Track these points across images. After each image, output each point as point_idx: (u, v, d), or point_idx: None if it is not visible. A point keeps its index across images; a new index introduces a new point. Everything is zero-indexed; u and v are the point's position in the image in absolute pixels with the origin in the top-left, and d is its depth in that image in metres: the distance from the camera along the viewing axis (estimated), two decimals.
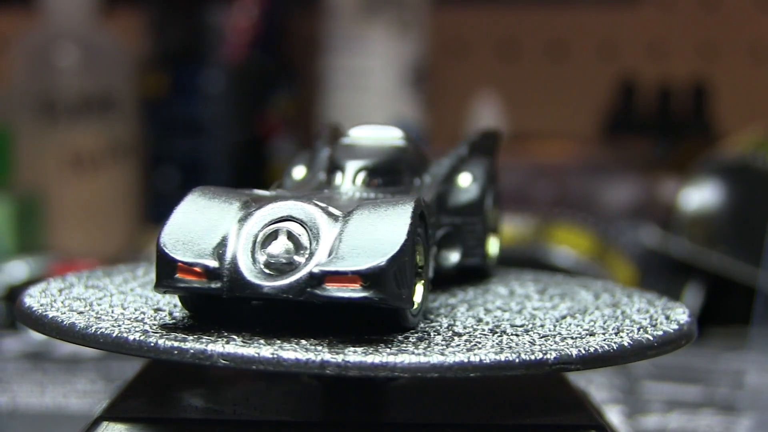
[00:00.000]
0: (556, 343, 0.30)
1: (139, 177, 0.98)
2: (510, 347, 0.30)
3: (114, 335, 0.30)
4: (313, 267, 0.29)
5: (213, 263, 0.29)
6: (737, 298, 0.69)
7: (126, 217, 0.96)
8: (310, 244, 0.30)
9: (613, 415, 0.52)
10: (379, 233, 0.29)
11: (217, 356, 0.28)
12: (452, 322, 0.33)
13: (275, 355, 0.28)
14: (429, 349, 0.29)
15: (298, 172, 0.39)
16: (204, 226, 0.31)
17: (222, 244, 0.30)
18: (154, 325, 0.31)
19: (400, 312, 0.30)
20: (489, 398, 0.36)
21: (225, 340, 0.29)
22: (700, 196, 0.73)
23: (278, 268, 0.30)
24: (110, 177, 0.94)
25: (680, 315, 0.35)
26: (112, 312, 0.33)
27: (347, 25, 0.95)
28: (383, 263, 0.28)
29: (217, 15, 0.98)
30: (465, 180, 0.39)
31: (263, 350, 0.28)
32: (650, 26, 1.10)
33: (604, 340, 0.31)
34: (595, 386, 0.57)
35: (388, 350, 0.29)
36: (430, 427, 0.33)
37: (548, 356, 0.29)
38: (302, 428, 0.33)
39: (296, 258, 0.30)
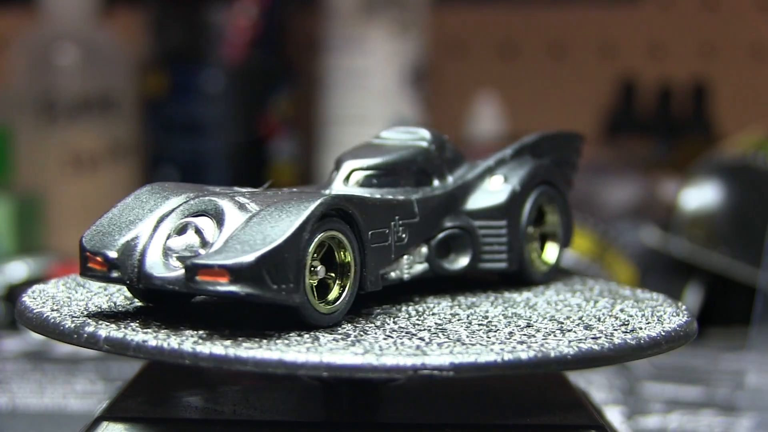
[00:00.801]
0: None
1: (139, 177, 0.98)
2: (396, 350, 0.29)
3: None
4: (192, 260, 0.30)
5: (113, 254, 0.31)
6: (737, 298, 0.69)
7: None
8: (214, 238, 0.31)
9: (614, 415, 0.52)
10: (267, 230, 0.30)
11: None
12: (384, 324, 0.33)
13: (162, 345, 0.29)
14: (294, 347, 0.29)
15: None
16: (130, 219, 0.33)
17: (137, 237, 0.32)
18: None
19: (299, 309, 0.31)
20: (489, 398, 0.36)
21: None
22: (700, 196, 0.73)
23: (183, 261, 0.31)
24: (110, 177, 0.94)
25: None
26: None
27: (347, 25, 0.95)
28: (250, 259, 0.29)
29: (217, 15, 0.98)
30: (494, 183, 0.39)
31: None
32: (650, 26, 1.10)
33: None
34: (596, 387, 0.57)
35: (247, 344, 0.29)
36: (430, 427, 0.33)
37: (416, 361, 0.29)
38: (302, 428, 0.33)
39: (201, 251, 0.31)
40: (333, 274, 0.32)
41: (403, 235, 0.36)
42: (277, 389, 0.36)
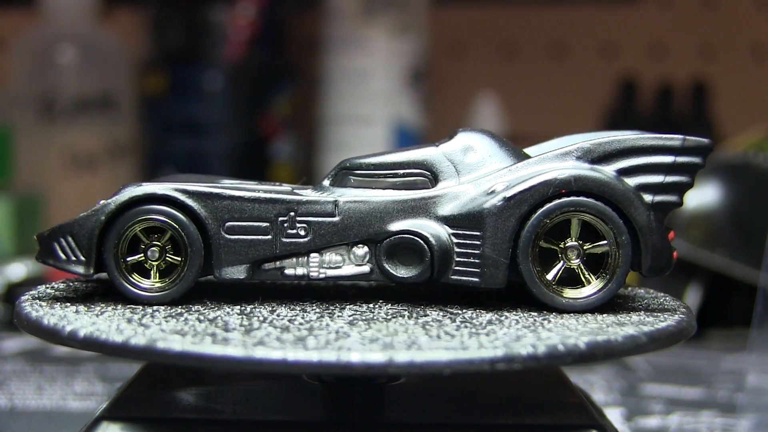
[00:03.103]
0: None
1: (138, 177, 0.98)
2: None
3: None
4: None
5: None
6: (737, 298, 0.69)
7: None
8: None
9: (614, 415, 0.52)
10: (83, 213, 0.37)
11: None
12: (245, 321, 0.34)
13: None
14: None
15: None
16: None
17: None
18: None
19: (114, 284, 0.36)
20: (489, 398, 0.36)
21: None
22: (700, 196, 0.73)
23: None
24: (110, 177, 0.94)
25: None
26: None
27: (347, 25, 0.95)
28: (46, 232, 0.36)
29: (217, 14, 0.98)
30: (486, 187, 0.36)
31: None
32: (650, 26, 1.10)
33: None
34: (596, 387, 0.57)
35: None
36: (430, 427, 0.33)
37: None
38: (302, 428, 0.33)
39: None
40: (179, 258, 0.36)
41: (303, 232, 0.36)
42: (277, 389, 0.36)
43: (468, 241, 0.36)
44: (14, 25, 1.03)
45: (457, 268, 0.36)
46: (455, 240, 0.36)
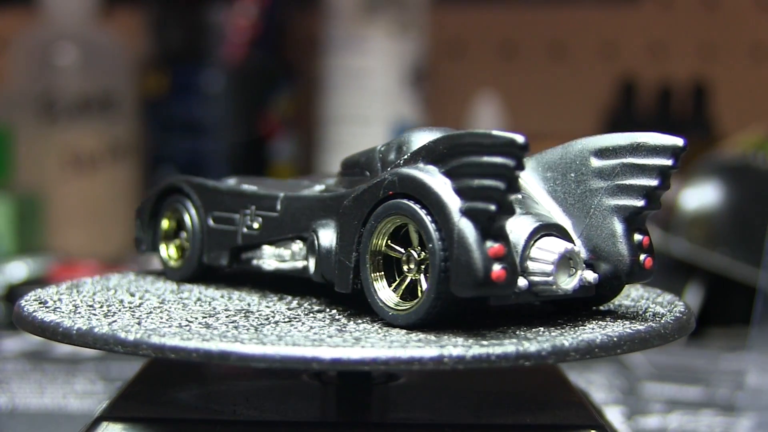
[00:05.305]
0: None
1: (139, 177, 0.98)
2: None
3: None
4: None
5: None
6: (737, 298, 0.69)
7: (126, 217, 0.96)
8: None
9: (614, 415, 0.52)
10: None
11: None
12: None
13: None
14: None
15: None
16: None
17: None
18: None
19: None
20: (489, 398, 0.36)
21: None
22: (700, 196, 0.73)
23: None
24: (110, 177, 0.94)
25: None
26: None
27: (347, 25, 0.95)
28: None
29: (217, 15, 0.98)
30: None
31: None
32: (650, 26, 1.10)
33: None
34: (596, 387, 0.57)
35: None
36: (430, 427, 0.33)
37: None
38: (302, 428, 0.33)
39: None
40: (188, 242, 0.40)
41: (255, 225, 0.37)
42: (277, 389, 0.36)
43: (338, 243, 0.34)
44: (14, 25, 1.03)
45: (328, 269, 0.34)
46: (336, 241, 0.34)
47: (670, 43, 1.10)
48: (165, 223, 0.42)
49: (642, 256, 0.33)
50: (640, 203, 0.33)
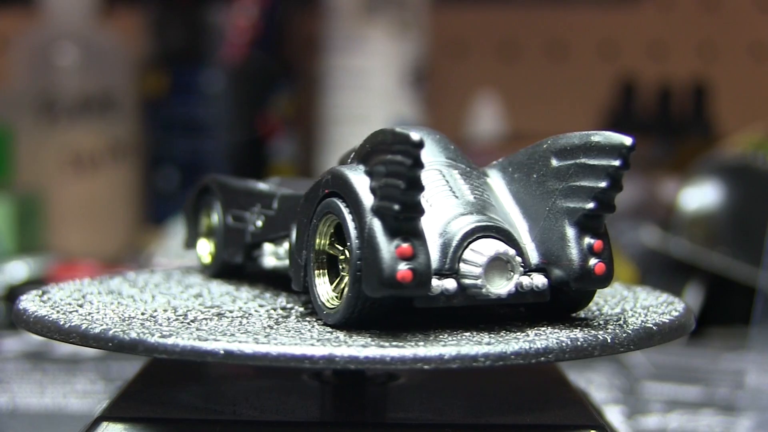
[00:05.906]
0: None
1: (139, 177, 0.98)
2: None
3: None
4: None
5: None
6: (737, 298, 0.69)
7: (126, 217, 0.96)
8: None
9: (613, 415, 0.52)
10: None
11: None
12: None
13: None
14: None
15: None
16: None
17: None
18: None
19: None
20: (489, 398, 0.36)
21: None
22: (700, 196, 0.73)
23: None
24: (110, 177, 0.94)
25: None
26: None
27: (347, 25, 0.95)
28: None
29: (217, 15, 0.98)
30: None
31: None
32: (650, 26, 1.10)
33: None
34: (596, 386, 0.57)
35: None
36: (430, 427, 0.33)
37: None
38: (302, 428, 0.33)
39: None
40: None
41: (259, 223, 0.38)
42: (277, 389, 0.36)
43: (294, 242, 0.34)
44: (14, 25, 1.03)
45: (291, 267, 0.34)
46: (294, 240, 0.34)
47: (669, 43, 1.10)
48: (204, 221, 0.43)
49: (592, 261, 0.31)
50: (590, 205, 0.31)
